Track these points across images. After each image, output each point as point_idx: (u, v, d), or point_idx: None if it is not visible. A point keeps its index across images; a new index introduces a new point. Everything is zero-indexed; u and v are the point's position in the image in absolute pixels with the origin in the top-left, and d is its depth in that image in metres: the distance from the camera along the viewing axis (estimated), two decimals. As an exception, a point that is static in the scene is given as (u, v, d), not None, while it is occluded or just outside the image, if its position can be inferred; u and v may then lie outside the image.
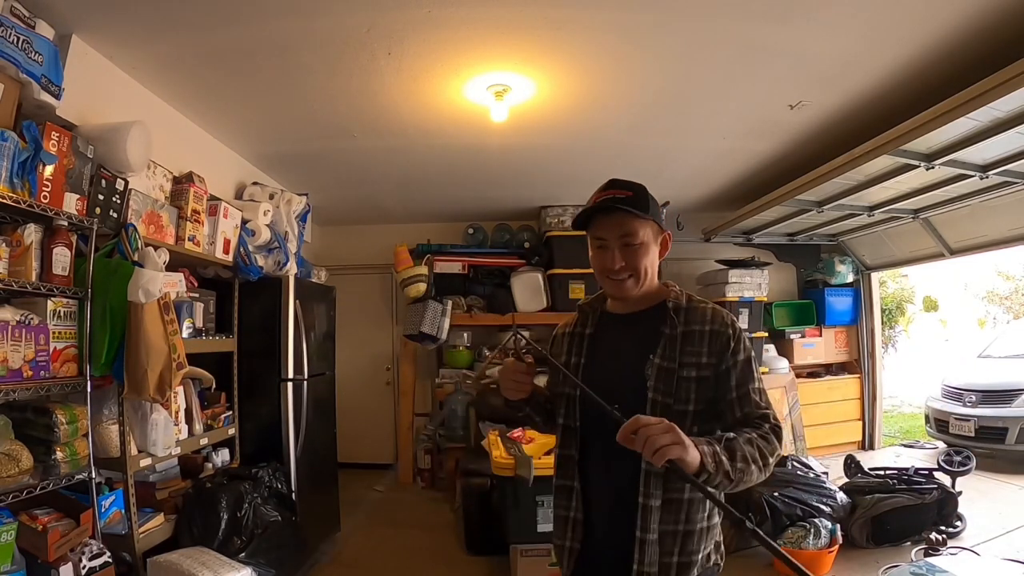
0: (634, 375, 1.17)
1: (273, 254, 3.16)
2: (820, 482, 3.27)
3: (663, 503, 1.12)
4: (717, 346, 1.17)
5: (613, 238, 1.21)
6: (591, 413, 1.20)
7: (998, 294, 11.39)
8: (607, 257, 1.21)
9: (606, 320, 1.31)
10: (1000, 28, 2.11)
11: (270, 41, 2.20)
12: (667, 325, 1.20)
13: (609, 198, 1.20)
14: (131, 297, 1.94)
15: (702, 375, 1.16)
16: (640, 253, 1.21)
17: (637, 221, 1.20)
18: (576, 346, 1.30)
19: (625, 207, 1.18)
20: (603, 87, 2.65)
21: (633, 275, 1.21)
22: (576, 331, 1.33)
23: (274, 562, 2.33)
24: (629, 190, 1.22)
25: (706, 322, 1.20)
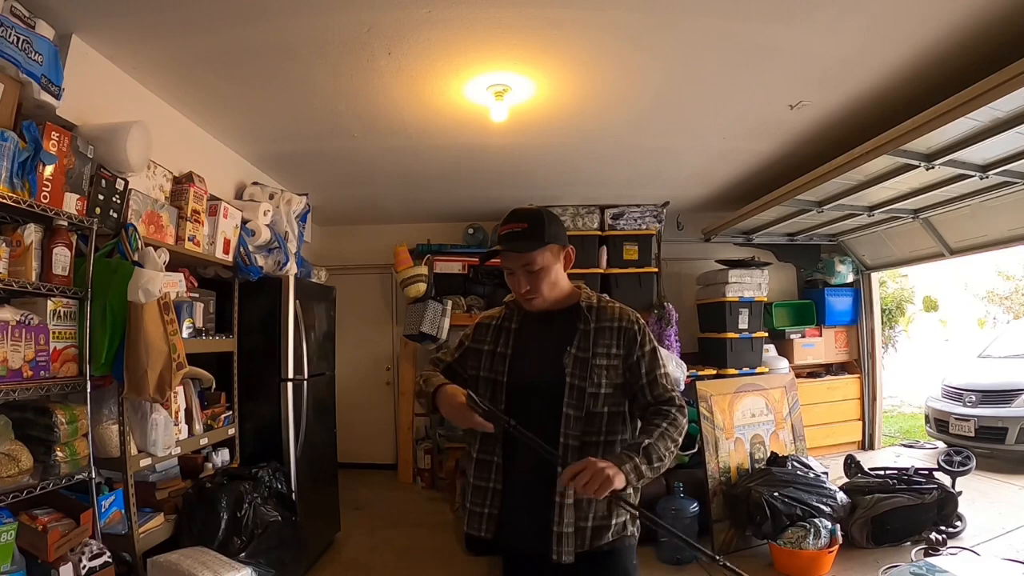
0: (554, 364, 1.37)
1: (273, 254, 3.16)
2: (820, 482, 3.26)
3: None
4: (625, 340, 1.40)
5: (517, 268, 1.40)
6: (515, 395, 1.39)
7: (998, 294, 11.38)
8: (515, 282, 1.42)
9: (529, 317, 1.49)
10: (1000, 28, 2.11)
11: (270, 41, 2.20)
12: (581, 322, 1.42)
13: (506, 234, 1.39)
14: (131, 297, 1.94)
15: (611, 364, 1.38)
16: (541, 277, 1.39)
17: (536, 252, 1.38)
18: (504, 339, 1.47)
19: (519, 244, 1.37)
20: (603, 87, 2.65)
21: (538, 296, 1.41)
22: (503, 324, 1.50)
23: (274, 562, 2.33)
24: (524, 221, 1.38)
25: (615, 319, 1.42)
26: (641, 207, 4.55)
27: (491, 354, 1.46)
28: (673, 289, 4.92)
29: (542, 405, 1.35)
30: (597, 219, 4.54)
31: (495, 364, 1.44)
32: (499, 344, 1.47)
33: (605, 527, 1.33)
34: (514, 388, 1.40)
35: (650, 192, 4.40)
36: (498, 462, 1.39)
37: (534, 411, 1.34)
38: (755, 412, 3.87)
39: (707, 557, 1.18)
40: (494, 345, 1.47)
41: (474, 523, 1.41)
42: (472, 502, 1.42)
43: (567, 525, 1.30)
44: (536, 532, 1.32)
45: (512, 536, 1.39)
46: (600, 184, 4.21)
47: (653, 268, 4.58)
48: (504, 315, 1.53)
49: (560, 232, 1.43)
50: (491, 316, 1.56)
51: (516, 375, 1.41)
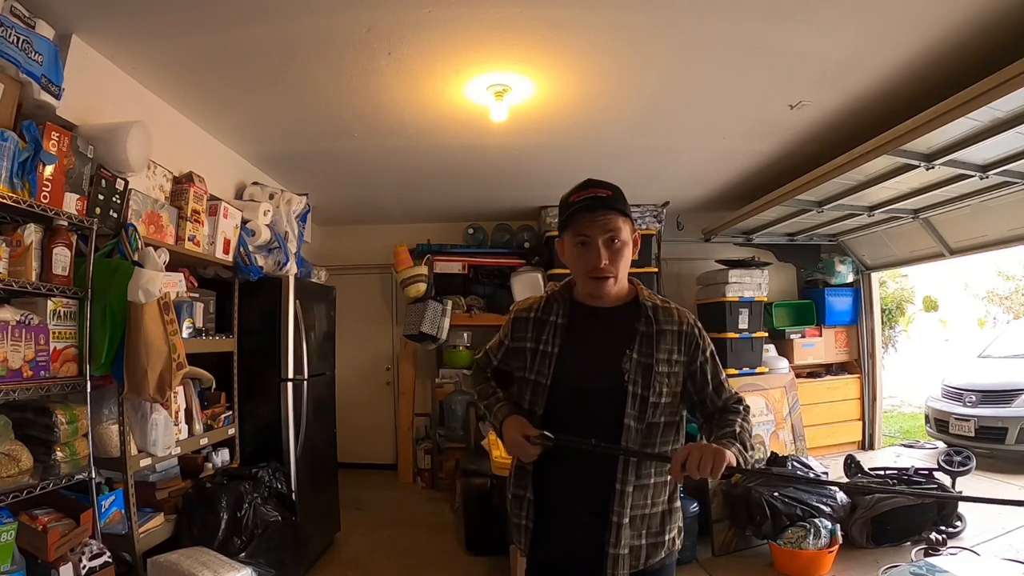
0: (612, 368, 1.23)
1: (273, 254, 3.16)
2: (820, 482, 3.26)
3: (634, 488, 1.21)
4: (687, 345, 1.28)
5: (597, 236, 1.23)
6: (559, 402, 1.26)
7: (998, 294, 11.38)
8: (591, 255, 1.23)
9: (579, 312, 1.33)
10: (1000, 28, 2.11)
11: (270, 41, 2.20)
12: (642, 323, 1.27)
13: (591, 196, 1.24)
14: (131, 297, 1.94)
15: (672, 371, 1.26)
16: (622, 252, 1.25)
17: (621, 219, 1.24)
18: (549, 335, 1.31)
19: (608, 206, 1.23)
20: (603, 87, 2.65)
21: (614, 276, 1.25)
22: (545, 318, 1.33)
23: (274, 562, 2.33)
24: (608, 189, 1.25)
25: (674, 323, 1.29)
26: (641, 207, 4.55)
27: (534, 353, 1.31)
28: (673, 289, 4.92)
29: (598, 414, 1.22)
30: (597, 219, 4.54)
31: (539, 364, 1.29)
32: (542, 341, 1.31)
33: (660, 544, 1.25)
34: (561, 393, 1.26)
35: (650, 192, 4.40)
36: (529, 469, 1.28)
37: (588, 420, 1.22)
38: (755, 412, 3.87)
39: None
40: (536, 343, 1.31)
41: (514, 535, 1.32)
42: (512, 511, 1.33)
43: (623, 546, 1.19)
44: (585, 550, 1.22)
45: (553, 553, 1.28)
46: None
47: (653, 268, 4.58)
48: (543, 306, 1.35)
49: (630, 210, 1.30)
50: (528, 307, 1.39)
51: (565, 378, 1.26)
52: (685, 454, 1.09)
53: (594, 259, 1.23)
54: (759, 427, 3.84)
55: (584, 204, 1.23)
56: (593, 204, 1.22)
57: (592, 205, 1.22)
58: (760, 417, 3.89)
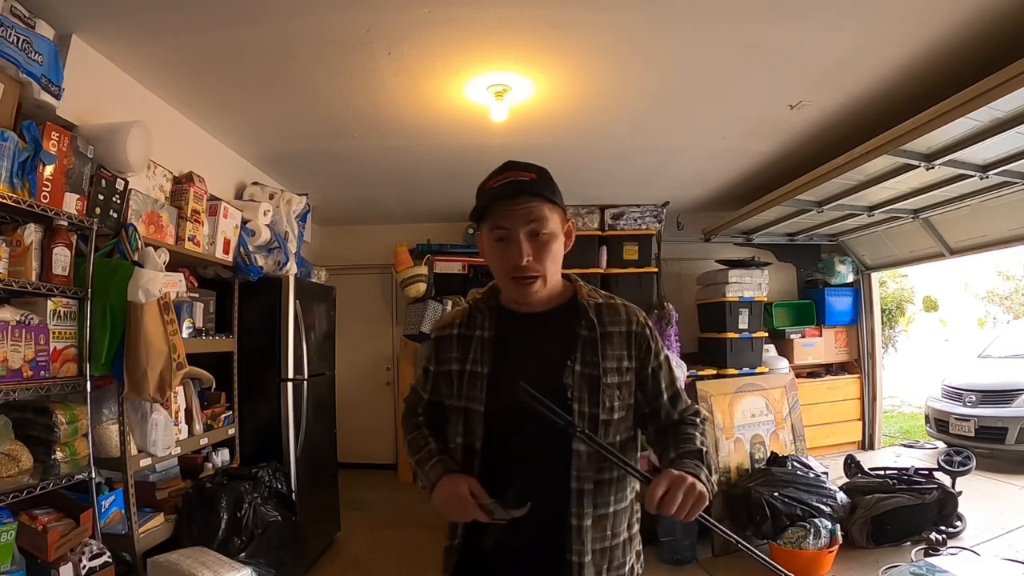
0: (552, 385, 1.01)
1: (273, 254, 3.16)
2: (820, 482, 3.27)
3: (593, 521, 1.03)
4: (639, 349, 1.09)
5: (518, 228, 1.02)
6: (498, 432, 1.06)
7: (998, 294, 11.39)
8: (511, 251, 1.03)
9: (507, 320, 1.12)
10: (1000, 28, 2.11)
11: (270, 41, 2.20)
12: (583, 326, 1.07)
13: (511, 181, 1.03)
14: (131, 297, 1.94)
15: (624, 380, 1.07)
16: (549, 246, 1.04)
17: (547, 206, 1.03)
18: (475, 352, 1.10)
19: (530, 192, 1.02)
20: (603, 87, 2.65)
21: (541, 275, 1.04)
22: (471, 334, 1.13)
23: (274, 562, 2.33)
24: (532, 172, 1.05)
25: (621, 323, 1.09)
26: (641, 207, 4.55)
27: (461, 375, 1.10)
28: (673, 289, 4.92)
29: (541, 441, 1.01)
30: (597, 219, 4.54)
31: (467, 388, 1.08)
32: (468, 361, 1.10)
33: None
34: (497, 420, 1.05)
35: (650, 192, 4.40)
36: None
37: (533, 450, 1.03)
38: (755, 412, 3.87)
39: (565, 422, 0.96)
40: (462, 363, 1.11)
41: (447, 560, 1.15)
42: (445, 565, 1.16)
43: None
44: None
45: None
46: (600, 184, 4.21)
47: (653, 268, 4.57)
48: (466, 319, 1.16)
49: (562, 197, 1.09)
50: (449, 323, 1.18)
51: (500, 401, 1.04)
52: (665, 487, 0.90)
53: (514, 255, 1.02)
54: (759, 427, 3.83)
55: (502, 190, 1.03)
56: (513, 190, 1.02)
57: (512, 191, 1.02)
58: (760, 417, 3.88)
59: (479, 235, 1.11)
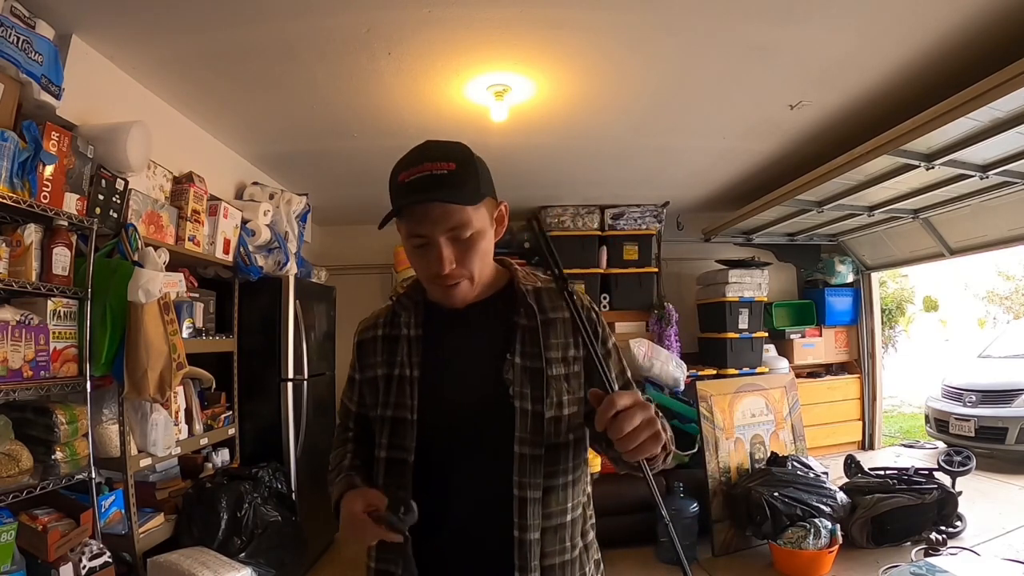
0: (490, 381, 0.93)
1: (273, 254, 3.16)
2: (820, 482, 3.27)
3: (543, 533, 0.92)
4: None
5: (437, 234, 0.89)
6: (432, 441, 0.94)
7: (998, 294, 11.40)
8: (432, 258, 0.90)
9: (436, 315, 1.00)
10: (1000, 28, 2.11)
11: (270, 41, 2.20)
12: (522, 314, 0.96)
13: (426, 176, 0.87)
14: (131, 297, 1.94)
15: (572, 371, 0.96)
16: (475, 245, 0.91)
17: (467, 210, 0.89)
18: (402, 354, 0.98)
19: (448, 195, 0.87)
20: (603, 87, 2.65)
21: (467, 279, 0.93)
22: (396, 333, 1.01)
23: (274, 562, 2.33)
24: (449, 160, 0.88)
25: (563, 307, 0.96)
26: (641, 207, 4.55)
27: (387, 380, 0.98)
28: (673, 289, 4.92)
29: (479, 447, 0.93)
30: (597, 219, 4.54)
31: (396, 395, 0.96)
32: (396, 364, 0.98)
33: None
34: (432, 428, 0.94)
35: (650, 192, 4.40)
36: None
37: (468, 458, 0.93)
38: (755, 412, 3.87)
39: None
40: (388, 367, 0.99)
41: None
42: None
43: None
44: None
45: None
46: (600, 184, 4.21)
47: (653, 268, 4.58)
48: (390, 318, 1.04)
49: (489, 178, 0.96)
50: (372, 324, 1.06)
51: (432, 408, 0.94)
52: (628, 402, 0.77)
53: (435, 263, 0.90)
54: (759, 427, 3.83)
55: (416, 185, 0.87)
56: (427, 186, 0.87)
57: (425, 188, 0.87)
58: (760, 417, 3.88)
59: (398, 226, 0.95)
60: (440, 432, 0.94)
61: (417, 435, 0.94)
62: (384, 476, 0.96)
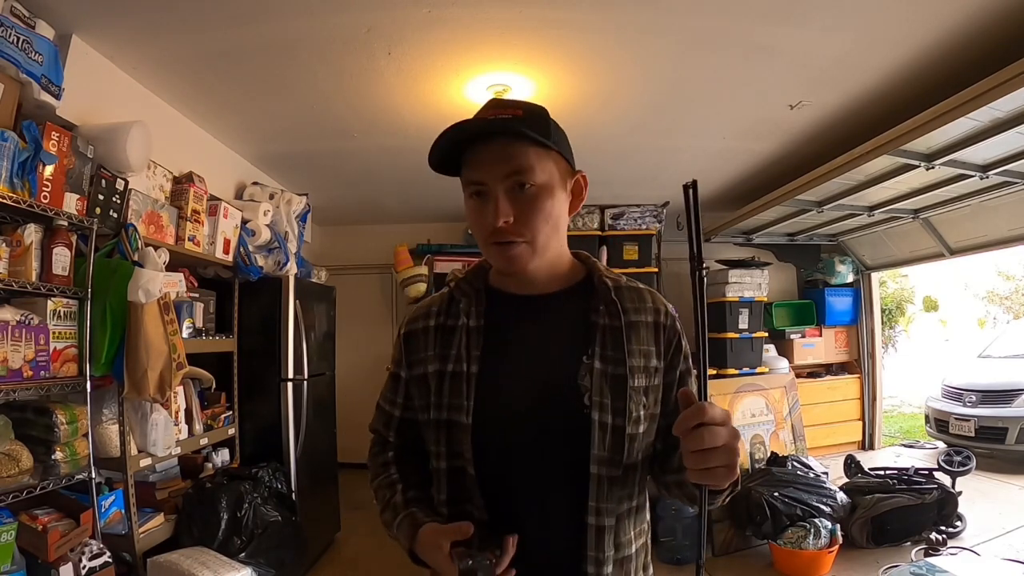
0: (563, 387, 0.80)
1: (273, 254, 3.16)
2: (820, 482, 3.27)
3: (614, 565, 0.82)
4: (667, 346, 0.88)
5: (496, 179, 0.77)
6: (494, 446, 0.81)
7: (998, 294, 11.40)
8: (485, 213, 0.79)
9: (500, 304, 0.88)
10: (1000, 28, 2.10)
11: (270, 41, 2.20)
12: (602, 312, 0.85)
13: (488, 120, 0.78)
14: (131, 297, 1.94)
15: (652, 383, 0.85)
16: (538, 202, 0.78)
17: (533, 151, 0.77)
18: (458, 346, 0.84)
19: (516, 129, 0.76)
20: (603, 87, 2.65)
21: (526, 239, 0.79)
22: (450, 323, 0.88)
23: (274, 562, 2.33)
24: (518, 108, 0.79)
25: (647, 310, 0.88)
26: (641, 207, 4.55)
27: (439, 377, 0.85)
28: (673, 289, 4.92)
29: (544, 462, 0.80)
30: (597, 219, 4.54)
31: (449, 394, 0.83)
32: (451, 359, 0.84)
33: None
34: (490, 434, 0.81)
35: (650, 192, 4.40)
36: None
37: (531, 473, 0.80)
38: (755, 412, 3.87)
39: None
40: (442, 362, 0.85)
41: None
42: None
43: None
44: None
45: None
46: (600, 184, 4.21)
47: (653, 268, 4.58)
48: (448, 306, 0.90)
49: (567, 141, 0.86)
50: (424, 313, 0.92)
51: (492, 411, 0.81)
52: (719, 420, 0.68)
53: (490, 216, 0.78)
54: (759, 427, 3.83)
55: (478, 129, 0.78)
56: (486, 130, 0.77)
57: (485, 131, 0.77)
58: (760, 417, 3.89)
59: None
60: (502, 440, 0.81)
61: (473, 442, 0.81)
62: (447, 489, 0.84)
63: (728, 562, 3.17)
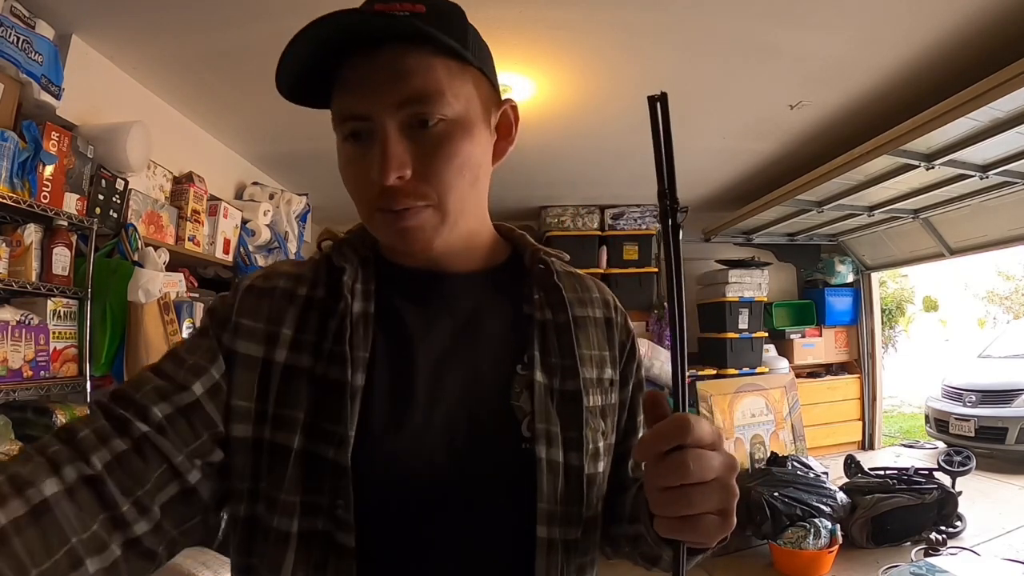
0: (491, 411, 0.55)
1: (273, 254, 3.16)
2: (820, 482, 3.27)
3: None
4: (618, 348, 0.65)
5: (384, 109, 0.52)
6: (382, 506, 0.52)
7: (998, 294, 11.41)
8: (369, 158, 0.53)
9: (396, 284, 0.60)
10: (1000, 28, 2.10)
11: (271, 41, 2.18)
12: (538, 303, 0.60)
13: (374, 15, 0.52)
14: (131, 297, 1.94)
15: (608, 402, 0.62)
16: (451, 144, 0.53)
17: (441, 66, 0.52)
18: (332, 340, 0.54)
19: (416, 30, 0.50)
20: (603, 87, 2.65)
21: (434, 203, 0.53)
22: (326, 298, 0.58)
23: (274, 562, 2.33)
24: (418, 2, 0.53)
25: (593, 302, 0.66)
26: (641, 207, 4.56)
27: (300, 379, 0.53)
28: (673, 289, 4.92)
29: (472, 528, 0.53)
30: (597, 219, 4.55)
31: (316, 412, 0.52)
32: (323, 355, 0.54)
33: None
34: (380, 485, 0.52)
35: (650, 192, 4.26)
36: None
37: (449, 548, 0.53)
38: (755, 412, 3.88)
39: None
40: (310, 355, 0.54)
41: None
42: None
43: None
44: None
45: None
46: (600, 184, 4.21)
47: (653, 268, 4.58)
48: (316, 276, 0.60)
49: (487, 50, 0.62)
50: (289, 274, 0.60)
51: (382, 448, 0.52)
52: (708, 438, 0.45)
53: (374, 166, 0.52)
54: (759, 427, 3.83)
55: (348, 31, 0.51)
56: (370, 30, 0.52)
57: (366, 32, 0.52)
58: (760, 417, 3.89)
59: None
60: (396, 493, 0.52)
61: (357, 499, 0.50)
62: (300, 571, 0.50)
63: (728, 562, 3.17)
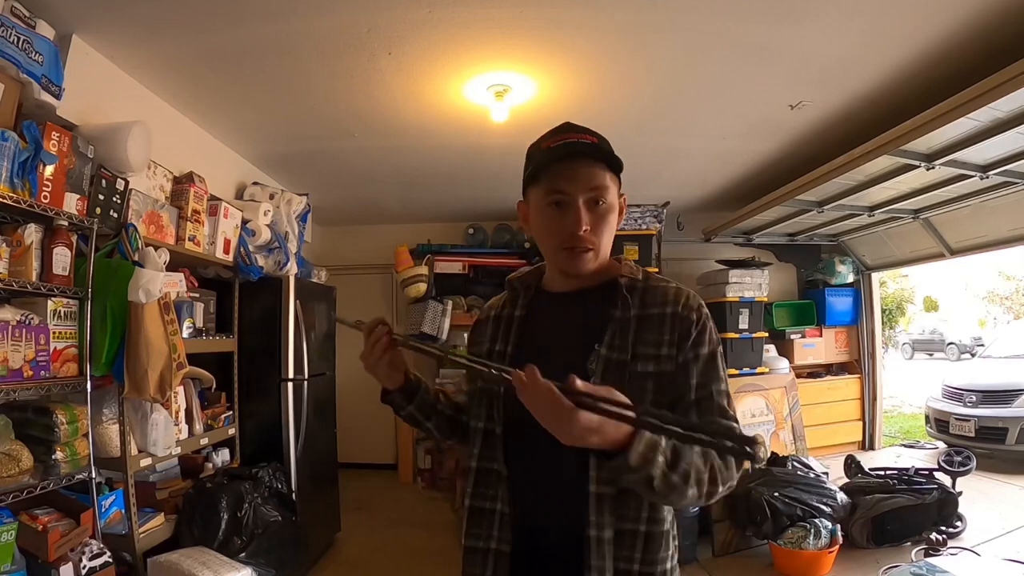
0: (574, 369, 0.82)
1: (273, 254, 3.16)
2: (820, 482, 3.26)
3: (615, 534, 0.89)
4: (677, 333, 0.92)
5: (579, 193, 0.92)
6: (514, 434, 0.96)
7: (998, 294, 11.41)
8: (568, 219, 0.92)
9: (541, 299, 1.05)
10: (1000, 28, 2.11)
11: (271, 41, 2.20)
12: (618, 306, 0.95)
13: (573, 142, 0.95)
14: (131, 297, 1.94)
15: (662, 369, 0.91)
16: (606, 218, 0.95)
17: (608, 175, 0.95)
18: (503, 331, 1.04)
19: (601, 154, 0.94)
20: (604, 87, 2.65)
21: (595, 248, 0.95)
22: (504, 313, 1.07)
23: (274, 562, 2.33)
24: (591, 135, 0.97)
25: (667, 302, 0.95)
26: (641, 207, 4.55)
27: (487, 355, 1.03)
28: (673, 289, 4.92)
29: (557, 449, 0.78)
30: (597, 219, 4.54)
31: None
32: (497, 340, 1.04)
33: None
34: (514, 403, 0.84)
35: (650, 192, 4.40)
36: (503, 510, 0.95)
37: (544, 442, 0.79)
38: (755, 412, 3.88)
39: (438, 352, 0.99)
40: (491, 342, 1.05)
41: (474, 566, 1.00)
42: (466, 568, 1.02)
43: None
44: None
45: None
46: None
47: (653, 268, 4.58)
48: (507, 299, 1.10)
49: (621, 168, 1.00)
50: (492, 305, 1.14)
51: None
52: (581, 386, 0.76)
53: (572, 224, 0.92)
54: (759, 427, 3.83)
55: (562, 151, 0.94)
56: (574, 151, 0.94)
57: (573, 152, 0.93)
58: (760, 417, 3.89)
59: (522, 202, 1.03)
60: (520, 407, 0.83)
61: (504, 408, 0.96)
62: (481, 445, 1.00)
63: (728, 562, 3.17)
